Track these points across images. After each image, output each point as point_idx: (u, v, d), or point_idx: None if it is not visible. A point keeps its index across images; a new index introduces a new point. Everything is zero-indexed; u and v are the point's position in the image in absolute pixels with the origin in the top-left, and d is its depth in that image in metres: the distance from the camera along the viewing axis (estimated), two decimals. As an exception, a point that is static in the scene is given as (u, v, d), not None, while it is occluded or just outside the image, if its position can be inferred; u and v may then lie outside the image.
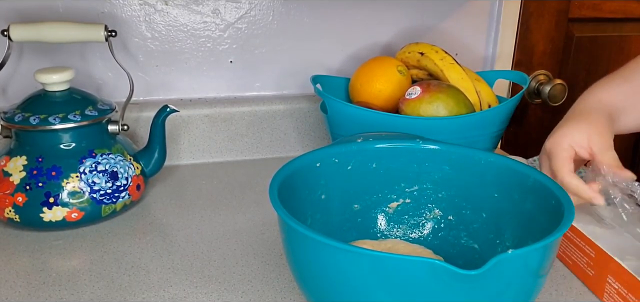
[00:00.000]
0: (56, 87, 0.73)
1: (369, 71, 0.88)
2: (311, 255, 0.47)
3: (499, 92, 0.97)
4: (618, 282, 0.56)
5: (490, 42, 1.07)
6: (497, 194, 0.60)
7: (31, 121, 0.70)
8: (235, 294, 0.60)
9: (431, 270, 0.41)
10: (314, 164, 0.60)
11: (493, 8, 1.04)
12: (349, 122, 0.79)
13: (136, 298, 0.59)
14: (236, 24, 0.94)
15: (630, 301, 0.54)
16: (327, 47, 0.99)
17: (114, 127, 0.76)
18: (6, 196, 0.69)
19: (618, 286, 0.56)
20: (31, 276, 0.63)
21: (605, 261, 0.57)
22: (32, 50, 0.88)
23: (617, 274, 0.56)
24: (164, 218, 0.76)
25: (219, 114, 0.94)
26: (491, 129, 0.81)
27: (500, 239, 0.59)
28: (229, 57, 0.96)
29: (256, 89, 0.99)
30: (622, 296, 0.55)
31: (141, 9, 0.90)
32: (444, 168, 0.63)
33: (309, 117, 0.97)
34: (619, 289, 0.56)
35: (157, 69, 0.93)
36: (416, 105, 0.78)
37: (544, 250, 0.45)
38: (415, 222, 0.65)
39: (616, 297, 0.56)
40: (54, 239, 0.70)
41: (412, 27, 1.01)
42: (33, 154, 0.70)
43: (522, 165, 0.58)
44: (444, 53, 0.87)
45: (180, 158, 0.94)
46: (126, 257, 0.66)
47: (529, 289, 0.47)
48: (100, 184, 0.71)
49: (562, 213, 0.48)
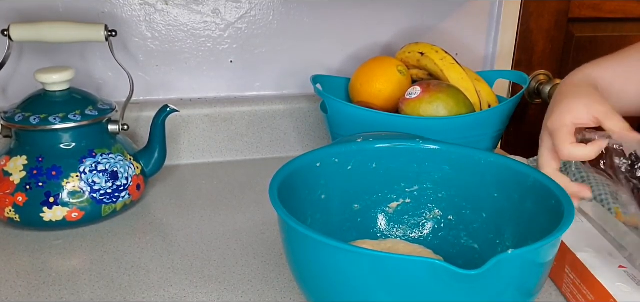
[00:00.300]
0: (56, 87, 0.73)
1: (369, 71, 0.88)
2: (311, 255, 0.47)
3: (499, 92, 0.97)
4: (573, 273, 0.57)
5: (490, 42, 1.07)
6: (497, 194, 0.60)
7: (31, 121, 0.70)
8: (235, 294, 0.60)
9: (431, 270, 0.41)
10: (314, 164, 0.60)
11: (493, 8, 1.04)
12: (349, 122, 0.79)
13: (136, 298, 0.59)
14: (236, 24, 0.94)
15: (584, 293, 0.55)
16: (327, 47, 0.99)
17: (114, 127, 0.76)
18: (6, 196, 0.69)
19: (573, 277, 0.57)
20: (31, 275, 0.63)
21: (563, 251, 0.58)
22: (32, 50, 0.88)
23: (572, 265, 0.57)
24: (164, 218, 0.76)
25: (219, 114, 0.94)
26: (491, 129, 0.81)
27: (500, 239, 0.59)
28: (229, 57, 0.96)
29: (256, 89, 0.99)
30: (577, 286, 0.56)
31: (141, 8, 0.90)
32: (444, 168, 0.63)
33: (309, 117, 0.97)
34: (574, 280, 0.57)
35: (157, 68, 0.93)
36: (416, 105, 0.78)
37: (544, 250, 0.45)
38: (415, 222, 0.65)
39: (572, 287, 0.57)
40: (54, 238, 0.70)
41: (412, 27, 1.01)
42: (33, 154, 0.70)
43: (522, 165, 0.58)
44: (444, 53, 0.87)
45: (180, 158, 0.94)
46: (126, 257, 0.66)
47: (529, 289, 0.47)
48: (101, 183, 0.71)
49: (562, 213, 0.48)
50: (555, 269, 0.60)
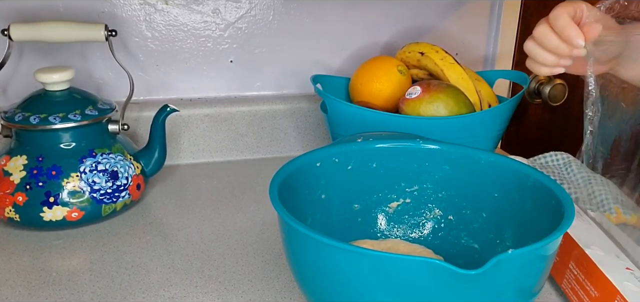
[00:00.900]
0: (56, 87, 0.73)
1: (369, 71, 0.88)
2: (311, 255, 0.47)
3: (499, 92, 0.97)
4: (578, 268, 0.57)
5: (491, 42, 1.07)
6: (497, 194, 0.60)
7: (31, 121, 0.70)
8: (235, 294, 0.60)
9: (431, 270, 0.41)
10: (314, 163, 0.60)
11: (493, 8, 1.04)
12: (349, 122, 0.79)
13: (136, 298, 0.59)
14: (236, 24, 0.94)
15: (587, 288, 0.55)
16: (327, 47, 0.99)
17: (114, 127, 0.76)
18: (6, 196, 0.69)
19: (577, 272, 0.57)
20: (31, 275, 0.63)
21: (569, 246, 0.58)
22: (33, 49, 0.88)
23: (578, 260, 0.57)
24: (164, 218, 0.76)
25: (219, 114, 0.94)
26: (491, 129, 0.81)
27: (500, 239, 0.59)
28: (229, 57, 0.96)
29: (256, 88, 0.99)
30: (579, 282, 0.56)
31: (141, 8, 0.90)
32: (444, 168, 0.63)
33: (309, 117, 0.97)
34: (577, 276, 0.57)
35: (157, 68, 0.93)
36: (416, 105, 0.78)
37: (544, 250, 0.45)
38: (416, 222, 0.65)
39: (573, 283, 0.57)
40: (54, 238, 0.70)
41: (412, 26, 1.01)
42: (33, 154, 0.71)
43: (522, 165, 0.58)
44: (444, 53, 0.87)
45: (181, 158, 0.94)
46: (126, 256, 0.66)
47: (529, 289, 0.47)
48: (101, 183, 0.71)
49: (562, 213, 0.48)
50: (557, 264, 0.60)
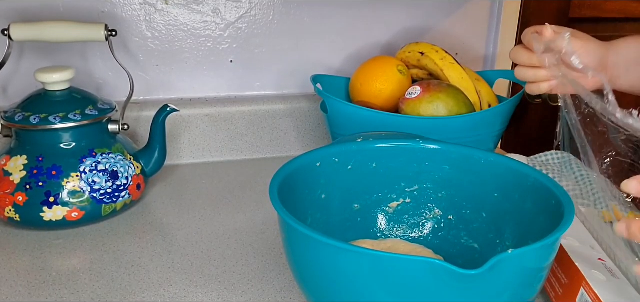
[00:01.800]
0: (56, 87, 0.73)
1: (369, 71, 0.88)
2: (311, 255, 0.47)
3: (499, 92, 0.97)
4: None
5: (491, 42, 1.07)
6: (497, 194, 0.60)
7: (31, 121, 0.70)
8: (235, 294, 0.60)
9: (431, 270, 0.41)
10: (314, 163, 0.60)
11: (493, 8, 1.04)
12: (349, 121, 0.79)
13: (136, 298, 0.59)
14: (236, 24, 0.94)
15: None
16: (327, 47, 0.99)
17: (114, 127, 0.76)
18: (6, 195, 0.69)
19: None
20: (31, 275, 0.63)
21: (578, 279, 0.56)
22: (33, 49, 0.88)
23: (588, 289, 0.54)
24: (164, 218, 0.76)
25: (219, 114, 0.94)
26: (491, 129, 0.81)
27: (500, 238, 0.59)
28: (229, 57, 0.96)
29: (256, 88, 0.99)
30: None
31: (141, 8, 0.90)
32: (444, 168, 0.63)
33: (309, 117, 0.97)
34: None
35: (158, 68, 0.93)
36: (416, 105, 0.78)
37: (544, 250, 0.45)
38: (416, 221, 0.65)
39: None
40: (54, 238, 0.70)
41: (412, 27, 1.01)
42: (33, 154, 0.71)
43: (522, 165, 0.58)
44: (444, 53, 0.87)
45: (181, 158, 0.94)
46: (126, 256, 0.66)
47: (529, 289, 0.47)
48: (101, 183, 0.71)
49: (562, 213, 0.48)
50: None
